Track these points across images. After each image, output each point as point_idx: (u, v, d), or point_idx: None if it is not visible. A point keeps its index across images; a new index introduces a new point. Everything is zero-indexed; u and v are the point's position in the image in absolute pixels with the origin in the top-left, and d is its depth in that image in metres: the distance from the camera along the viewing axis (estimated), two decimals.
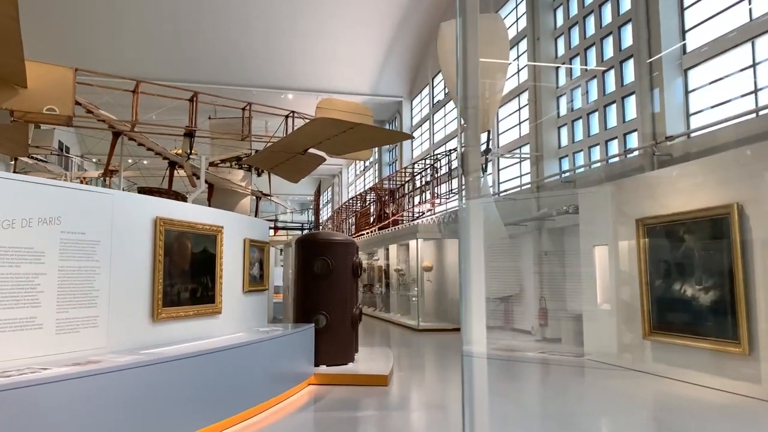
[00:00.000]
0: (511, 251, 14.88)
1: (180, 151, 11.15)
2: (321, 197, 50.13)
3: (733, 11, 10.25)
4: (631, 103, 12.73)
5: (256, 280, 9.00)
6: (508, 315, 17.36)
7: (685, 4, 11.22)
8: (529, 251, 15.77)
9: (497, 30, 15.00)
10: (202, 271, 7.42)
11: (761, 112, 9.28)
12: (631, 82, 12.60)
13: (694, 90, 11.01)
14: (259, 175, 19.29)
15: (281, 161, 10.94)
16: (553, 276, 15.07)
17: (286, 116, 11.36)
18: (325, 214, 47.99)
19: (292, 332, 8.40)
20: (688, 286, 9.12)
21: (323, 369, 9.40)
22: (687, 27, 11.20)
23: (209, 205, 17.69)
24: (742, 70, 9.91)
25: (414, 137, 10.37)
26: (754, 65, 9.65)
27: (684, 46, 11.17)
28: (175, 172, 14.73)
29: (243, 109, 11.09)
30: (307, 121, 8.66)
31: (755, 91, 9.63)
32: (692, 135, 10.44)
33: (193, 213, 7.38)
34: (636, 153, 11.82)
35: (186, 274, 7.10)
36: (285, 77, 24.81)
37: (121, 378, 4.96)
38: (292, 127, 10.92)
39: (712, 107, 10.54)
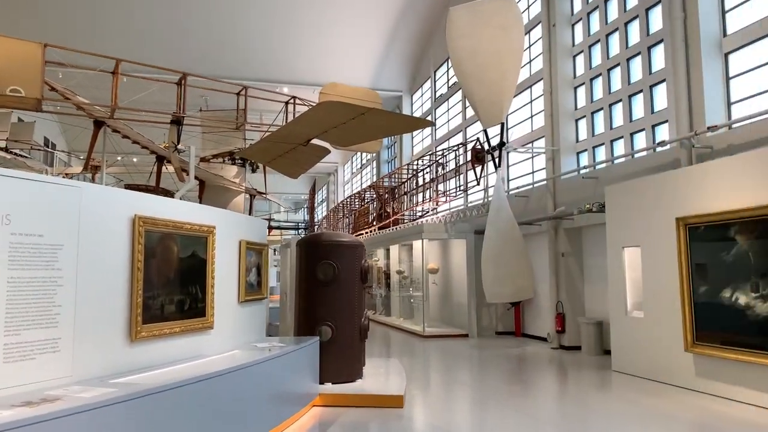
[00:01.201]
0: (525, 252, 13.84)
1: (167, 145, 9.99)
2: (316, 196, 49.00)
3: None
4: (660, 92, 11.70)
5: (254, 288, 7.90)
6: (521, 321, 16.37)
7: None
8: (544, 252, 14.75)
9: (511, 15, 13.99)
10: (190, 280, 6.31)
11: None
12: (661, 69, 11.58)
13: (735, 76, 9.99)
14: (253, 171, 18.16)
15: (280, 154, 9.83)
16: (571, 279, 14.05)
17: (287, 102, 10.24)
18: (320, 213, 46.86)
19: (295, 348, 7.30)
20: (741, 294, 8.09)
21: (329, 387, 8.31)
22: (727, 7, 10.16)
23: (200, 203, 16.58)
24: None
25: (435, 124, 9.50)
26: None
27: (724, 27, 10.14)
28: (164, 168, 13.60)
29: (238, 93, 9.96)
30: (311, 106, 7.57)
31: None
32: (737, 125, 9.40)
33: (180, 211, 6.27)
34: (668, 146, 10.78)
35: (171, 284, 5.99)
36: (280, 70, 23.61)
37: (83, 422, 3.84)
38: (293, 115, 9.82)
39: (759, 94, 9.51)
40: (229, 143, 16.29)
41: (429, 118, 25.13)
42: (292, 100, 10.38)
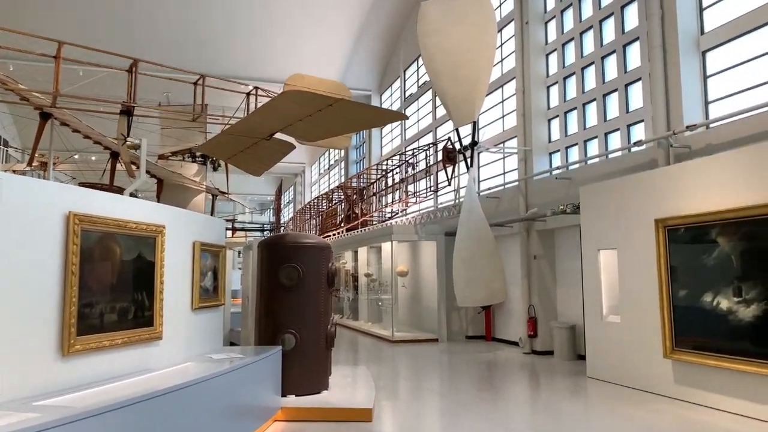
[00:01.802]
0: (497, 255, 13.46)
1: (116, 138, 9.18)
2: (282, 197, 48.09)
3: None
4: (636, 91, 11.45)
5: (209, 294, 7.26)
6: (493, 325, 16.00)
7: None
8: (516, 255, 14.40)
9: (483, 11, 13.62)
10: (135, 285, 5.66)
11: None
12: (637, 68, 11.33)
13: (713, 75, 9.76)
14: (215, 169, 17.37)
15: (241, 149, 9.18)
16: (543, 282, 13.73)
17: (248, 94, 9.60)
18: (287, 214, 45.99)
19: (255, 360, 6.69)
20: (723, 298, 7.80)
21: (292, 400, 7.72)
22: (704, 4, 9.94)
23: (158, 202, 15.74)
24: None
25: (407, 117, 9.17)
26: None
27: (701, 25, 9.92)
28: (121, 165, 12.77)
29: (195, 83, 9.27)
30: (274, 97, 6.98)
31: None
32: (716, 124, 9.16)
33: (124, 208, 5.61)
34: (644, 146, 10.52)
35: (113, 290, 5.33)
36: (242, 66, 22.77)
37: None
38: (255, 108, 9.19)
39: (738, 93, 9.29)
40: (189, 140, 15.50)
41: None
42: (254, 91, 9.74)
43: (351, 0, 22.72)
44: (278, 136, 8.72)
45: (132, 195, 12.94)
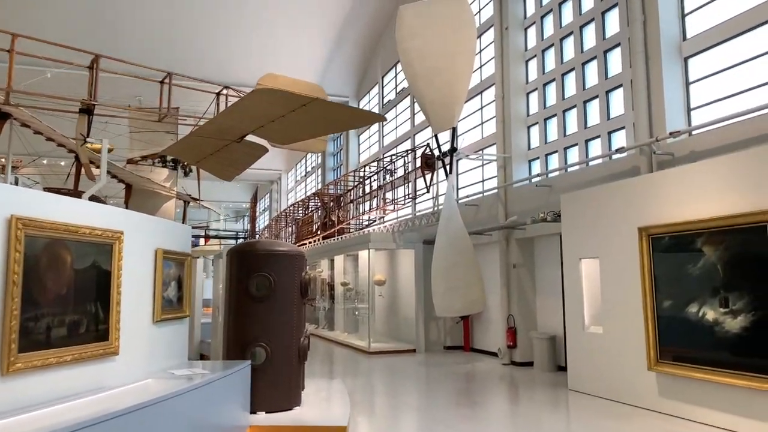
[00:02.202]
0: (477, 263, 13.16)
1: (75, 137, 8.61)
2: (258, 204, 47.43)
3: None
4: (617, 97, 11.30)
5: (173, 305, 6.79)
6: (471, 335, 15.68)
7: None
8: (495, 263, 14.14)
9: (463, 16, 13.40)
10: (88, 296, 5.19)
11: None
12: (618, 74, 11.18)
13: (695, 81, 9.63)
14: (186, 174, 16.84)
15: (210, 152, 8.74)
16: (522, 292, 13.47)
17: (218, 93, 9.17)
18: (263, 222, 45.31)
19: (222, 375, 6.24)
20: (709, 309, 7.59)
21: (262, 418, 7.27)
22: (686, 10, 9.82)
23: (126, 209, 15.15)
24: (759, 56, 8.56)
25: (386, 119, 8.83)
26: None
27: (683, 31, 9.79)
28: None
29: (162, 81, 8.81)
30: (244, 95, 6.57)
31: None
32: (700, 130, 9.00)
33: (77, 212, 5.15)
34: (626, 153, 10.34)
35: (62, 302, 4.86)
36: (215, 70, 22.12)
37: None
38: (226, 108, 8.76)
39: (721, 100, 9.15)
40: (160, 144, 14.97)
41: (376, 125, 24.35)
42: (224, 91, 9.31)
43: (329, 6, 22.39)
44: (250, 138, 8.32)
45: (99, 200, 12.36)
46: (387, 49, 22.90)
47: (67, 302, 4.91)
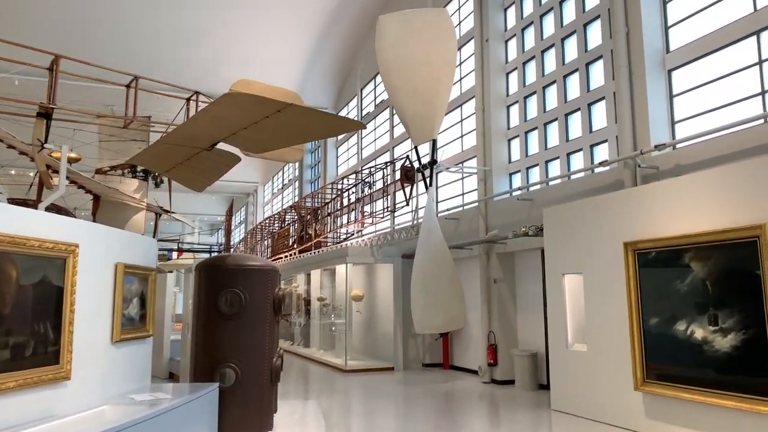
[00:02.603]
0: (457, 278, 12.84)
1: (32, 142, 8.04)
2: (233, 217, 46.67)
3: (726, 4, 8.84)
4: (599, 110, 11.14)
5: (134, 324, 6.32)
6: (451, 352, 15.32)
7: None
8: (475, 278, 13.83)
9: (443, 26, 13.21)
10: (36, 315, 4.72)
11: None
12: (600, 87, 11.03)
13: (679, 94, 9.49)
14: (157, 185, 16.29)
15: (179, 161, 8.30)
16: (503, 308, 13.17)
17: (188, 99, 8.75)
18: (238, 235, 44.55)
19: (186, 400, 5.79)
20: (698, 327, 7.34)
21: None
22: (670, 22, 9.71)
23: (93, 221, 14.56)
24: (743, 69, 8.44)
25: (366, 127, 8.52)
26: (760, 62, 8.19)
27: (667, 43, 9.68)
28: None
29: (128, 86, 8.35)
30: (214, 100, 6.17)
31: (763, 93, 8.15)
32: (685, 144, 8.84)
33: (27, 224, 4.69)
34: (609, 167, 10.16)
35: (5, 321, 4.39)
36: (190, 79, 21.64)
37: None
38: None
39: (706, 113, 9.01)
40: (129, 153, 14.45)
41: (355, 137, 24.06)
42: (194, 97, 8.89)
43: (307, 16, 22.10)
44: (221, 146, 7.92)
45: (67, 213, 11.72)
46: (366, 60, 22.68)
47: (9, 322, 4.44)
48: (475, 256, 13.79)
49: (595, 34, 11.27)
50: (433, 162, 12.97)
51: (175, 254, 33.71)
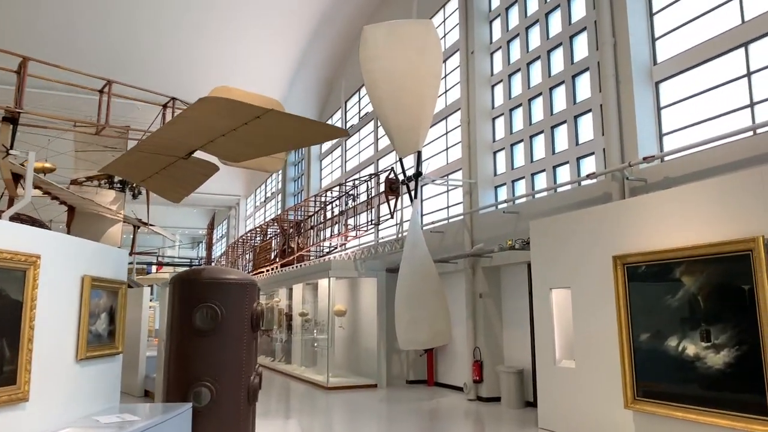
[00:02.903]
0: (443, 293, 12.58)
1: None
2: (215, 231, 46.08)
3: (714, 15, 8.78)
4: (585, 122, 11.03)
5: (102, 340, 5.96)
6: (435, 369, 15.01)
7: (654, 9, 9.70)
8: (461, 293, 13.58)
9: (429, 37, 13.08)
10: None
11: (760, 130, 7.68)
12: (586, 99, 10.93)
13: (667, 106, 9.40)
14: (134, 197, 15.90)
15: (155, 170, 7.98)
16: (489, 323, 12.93)
17: (165, 105, 8.44)
18: (220, 249, 43.95)
19: (157, 422, 5.43)
20: (690, 343, 7.15)
21: None
22: (657, 34, 9.65)
23: (68, 233, 14.12)
24: (731, 81, 8.36)
25: (349, 134, 8.29)
26: (749, 74, 8.11)
27: (654, 55, 9.60)
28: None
29: (101, 90, 8.02)
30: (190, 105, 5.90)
31: (751, 105, 8.07)
32: (674, 156, 8.72)
33: None
34: (596, 179, 10.02)
35: None
36: (173, 91, 21.33)
37: None
38: None
39: (694, 125, 8.92)
40: (107, 163, 14.08)
41: (339, 150, 23.83)
42: (171, 103, 8.59)
43: (290, 29, 21.92)
44: (198, 155, 7.62)
45: (43, 225, 11.29)
46: (351, 72, 22.53)
47: None
48: (460, 270, 13.56)
49: (581, 47, 11.20)
50: (418, 174, 12.76)
51: (154, 268, 33.12)
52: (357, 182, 16.25)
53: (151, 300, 17.06)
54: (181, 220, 47.06)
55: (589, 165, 10.84)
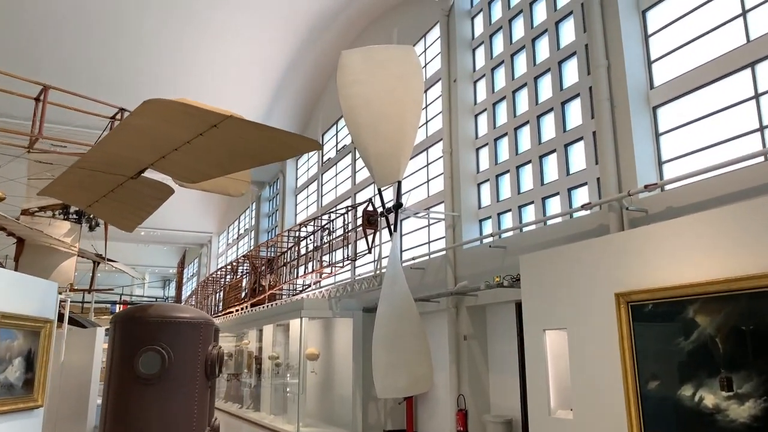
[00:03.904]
0: (424, 334, 11.61)
1: None
2: (186, 269, 44.53)
3: (720, 33, 8.26)
4: (577, 151, 10.39)
5: (14, 392, 4.89)
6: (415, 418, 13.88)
7: (650, 31, 9.19)
8: (443, 335, 12.62)
9: (409, 63, 12.48)
10: None
11: None
12: (578, 126, 10.30)
13: (666, 132, 8.78)
14: (91, 228, 14.76)
15: (102, 193, 7.03)
16: (474, 368, 11.95)
17: (113, 117, 7.54)
18: (190, 288, 42.35)
19: None
20: (708, 392, 6.29)
21: None
22: (653, 57, 9.11)
23: (16, 268, 12.94)
24: (738, 103, 7.77)
25: (321, 148, 7.49)
26: (756, 96, 7.53)
27: (650, 78, 9.04)
28: None
29: (36, 98, 7.06)
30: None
31: (761, 129, 7.46)
32: (678, 184, 8.04)
33: None
34: (589, 211, 9.30)
35: None
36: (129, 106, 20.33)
37: None
38: None
39: (698, 151, 8.29)
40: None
41: (314, 184, 23.00)
42: (119, 114, 7.68)
43: (265, 62, 21.30)
44: (150, 175, 6.70)
45: None
46: (327, 106, 21.92)
47: None
48: (442, 309, 12.63)
49: (571, 72, 10.64)
50: (398, 205, 11.94)
51: (118, 307, 31.52)
52: (333, 215, 15.35)
53: (105, 342, 15.74)
54: (151, 258, 45.52)
55: (581, 196, 10.14)
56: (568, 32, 10.81)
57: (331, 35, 19.96)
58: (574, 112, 10.47)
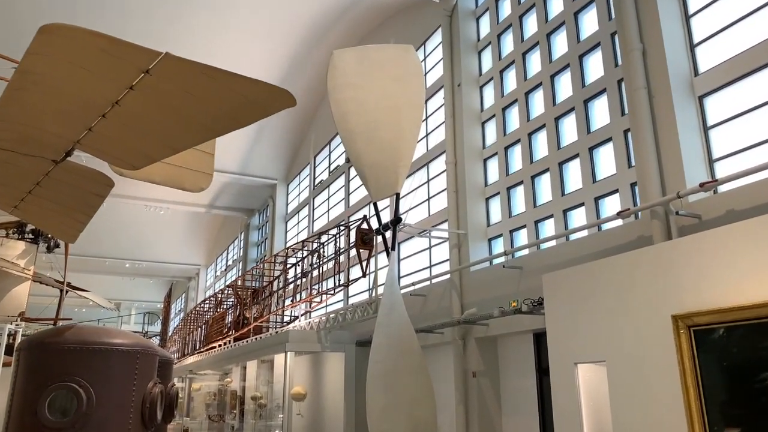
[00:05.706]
0: (426, 370, 9.98)
1: None
2: (173, 304, 42.62)
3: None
4: (604, 154, 9.00)
5: None
6: None
7: (691, 11, 7.91)
8: (448, 371, 10.99)
9: (408, 64, 11.22)
10: None
11: None
12: (604, 126, 8.94)
13: (715, 125, 7.41)
14: (49, 249, 13.15)
15: (24, 188, 5.56)
16: (485, 408, 10.30)
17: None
18: (177, 323, 40.41)
19: None
20: None
21: None
22: (696, 40, 7.80)
23: None
24: None
25: (295, 103, 6.45)
26: None
27: (694, 65, 7.71)
28: None
29: None
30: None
31: None
32: (729, 186, 6.62)
33: None
34: (622, 221, 7.85)
35: None
36: None
37: None
38: None
39: (756, 146, 6.90)
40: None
41: (306, 208, 21.54)
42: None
43: (257, 77, 20.08)
44: (80, 161, 5.26)
45: None
46: (321, 126, 20.68)
47: None
48: (447, 341, 11.05)
49: (594, 66, 9.34)
50: (396, 221, 10.45)
51: None
52: (325, 237, 13.81)
53: None
54: (138, 292, 43.67)
55: (610, 205, 8.70)
56: (589, 22, 9.56)
57: (323, 53, 18.83)
58: (600, 111, 9.13)
